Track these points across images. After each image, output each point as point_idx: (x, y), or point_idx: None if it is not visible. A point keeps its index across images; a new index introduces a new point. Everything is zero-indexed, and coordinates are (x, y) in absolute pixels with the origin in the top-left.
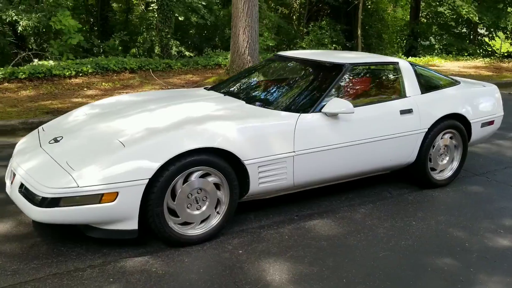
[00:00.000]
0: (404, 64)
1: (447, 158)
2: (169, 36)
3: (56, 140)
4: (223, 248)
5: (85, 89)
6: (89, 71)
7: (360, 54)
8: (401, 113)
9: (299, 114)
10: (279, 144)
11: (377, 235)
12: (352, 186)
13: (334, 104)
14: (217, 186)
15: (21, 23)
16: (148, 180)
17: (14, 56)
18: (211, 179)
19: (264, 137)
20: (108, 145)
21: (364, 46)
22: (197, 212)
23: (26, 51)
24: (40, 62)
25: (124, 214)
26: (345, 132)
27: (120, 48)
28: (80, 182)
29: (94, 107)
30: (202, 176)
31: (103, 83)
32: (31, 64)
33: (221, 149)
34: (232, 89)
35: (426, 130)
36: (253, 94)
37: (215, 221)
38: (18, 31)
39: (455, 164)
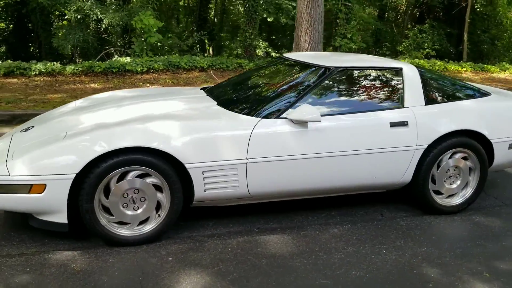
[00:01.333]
0: (409, 70)
1: (459, 181)
2: (252, 37)
3: (26, 130)
4: (155, 253)
5: (148, 84)
6: (160, 68)
7: (369, 57)
8: (391, 125)
9: (259, 119)
10: (230, 149)
11: (331, 260)
12: (343, 201)
13: (301, 110)
14: (158, 188)
15: (104, 21)
16: (75, 175)
17: (101, 53)
18: (149, 180)
19: (213, 140)
20: (54, 137)
21: (472, 53)
22: (132, 213)
23: (111, 48)
24: (120, 59)
25: (53, 207)
26: (314, 142)
27: (198, 46)
28: (12, 171)
29: (86, 100)
30: (141, 176)
31: (168, 80)
32: (111, 60)
33: (159, 150)
34: (219, 90)
35: (426, 146)
36: (231, 96)
37: (154, 223)
38: (102, 28)
39: (469, 190)
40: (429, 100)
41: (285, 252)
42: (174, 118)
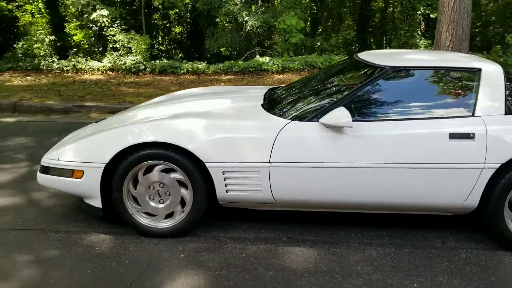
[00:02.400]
0: (490, 70)
1: None
2: (408, 34)
3: (97, 121)
4: (172, 248)
5: (277, 84)
6: (295, 67)
7: (450, 56)
8: (451, 137)
9: (289, 121)
10: (252, 151)
11: (343, 285)
12: (403, 221)
13: (334, 114)
14: (183, 184)
15: (249, 22)
16: (104, 164)
17: (246, 53)
18: (174, 175)
19: (235, 141)
20: (102, 128)
21: None
22: (156, 205)
23: (259, 48)
24: (258, 58)
25: (90, 192)
26: (348, 150)
27: (358, 46)
28: (60, 157)
29: (167, 96)
30: (166, 171)
31: (295, 78)
32: (252, 59)
33: (181, 147)
34: (279, 90)
35: (498, 166)
36: (281, 96)
37: (177, 219)
38: (246, 30)
39: None
40: None
41: (299, 268)
42: (207, 116)
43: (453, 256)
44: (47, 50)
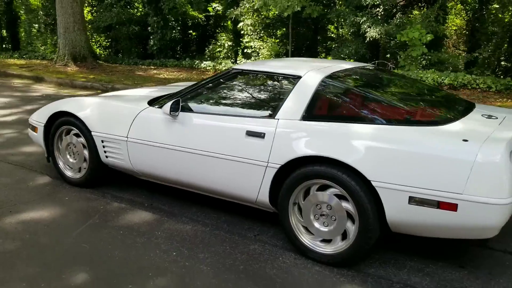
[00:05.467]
0: (307, 79)
1: (333, 225)
2: None
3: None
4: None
5: None
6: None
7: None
8: (247, 134)
9: (148, 106)
10: (119, 127)
11: (153, 242)
12: (254, 212)
13: (167, 104)
14: (84, 145)
15: (368, 34)
16: (43, 124)
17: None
18: (80, 139)
19: (112, 115)
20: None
21: None
22: (73, 160)
23: (391, 61)
24: None
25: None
26: (177, 135)
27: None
28: (32, 117)
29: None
30: (77, 136)
31: None
32: None
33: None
34: None
35: (278, 166)
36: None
37: (83, 173)
38: (366, 41)
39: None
40: (315, 116)
41: (137, 227)
42: (113, 97)
43: (244, 246)
44: (228, 54)
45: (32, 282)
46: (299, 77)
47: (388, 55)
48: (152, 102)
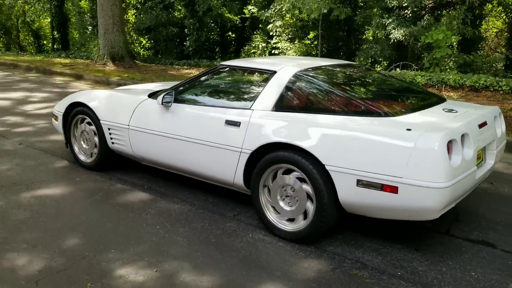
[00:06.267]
0: (281, 73)
1: (295, 206)
2: None
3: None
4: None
5: None
6: (423, 82)
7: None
8: (226, 123)
9: (147, 97)
10: (123, 116)
11: (143, 216)
12: (238, 195)
13: (162, 95)
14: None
15: (392, 35)
16: (62, 113)
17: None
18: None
19: (117, 106)
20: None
21: None
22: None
23: (415, 63)
24: (399, 71)
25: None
26: (168, 123)
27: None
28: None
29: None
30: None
31: None
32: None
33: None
34: None
35: (250, 152)
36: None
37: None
38: (390, 42)
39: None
40: (284, 107)
41: (131, 203)
42: (122, 90)
43: (222, 223)
44: (262, 55)
45: (31, 243)
46: (274, 72)
47: (414, 56)
48: (152, 95)
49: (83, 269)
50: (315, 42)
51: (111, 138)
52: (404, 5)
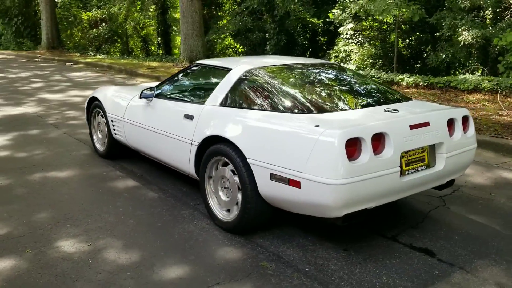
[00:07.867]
0: (234, 71)
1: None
2: None
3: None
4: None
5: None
6: (489, 88)
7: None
8: (184, 116)
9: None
10: (119, 110)
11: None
12: None
13: (144, 91)
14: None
15: (462, 36)
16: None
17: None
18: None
19: (116, 102)
20: None
21: None
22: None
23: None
24: (460, 76)
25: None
26: (147, 117)
27: None
28: None
29: None
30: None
31: (490, 103)
32: (460, 76)
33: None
34: None
35: (197, 143)
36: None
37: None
38: (460, 45)
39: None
40: (228, 103)
41: (120, 190)
42: (120, 87)
43: (177, 211)
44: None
45: (10, 214)
46: (229, 70)
47: (486, 60)
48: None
49: (34, 237)
50: (389, 45)
51: (113, 129)
52: (481, 5)
